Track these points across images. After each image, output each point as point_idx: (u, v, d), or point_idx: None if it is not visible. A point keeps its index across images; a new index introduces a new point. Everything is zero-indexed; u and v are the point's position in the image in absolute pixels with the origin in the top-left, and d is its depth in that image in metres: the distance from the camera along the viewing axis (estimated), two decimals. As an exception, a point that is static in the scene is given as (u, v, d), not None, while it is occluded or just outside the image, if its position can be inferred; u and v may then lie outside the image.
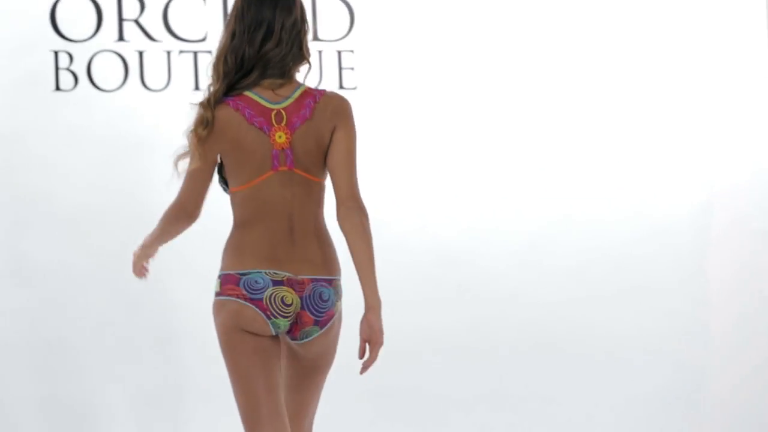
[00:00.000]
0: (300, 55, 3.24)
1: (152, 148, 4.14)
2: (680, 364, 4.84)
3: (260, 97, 3.20)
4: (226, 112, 3.18)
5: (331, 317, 3.26)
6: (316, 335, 3.25)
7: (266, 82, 3.21)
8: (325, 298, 3.26)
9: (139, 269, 3.44)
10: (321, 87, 4.39)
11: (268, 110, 3.21)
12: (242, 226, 3.30)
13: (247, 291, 3.21)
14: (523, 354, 4.79)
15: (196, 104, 3.21)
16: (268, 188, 3.22)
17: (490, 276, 4.80)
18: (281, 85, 3.22)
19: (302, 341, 3.26)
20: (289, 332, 3.26)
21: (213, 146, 3.19)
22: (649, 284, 5.00)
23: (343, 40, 4.64)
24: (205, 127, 3.19)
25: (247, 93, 3.20)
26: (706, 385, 4.95)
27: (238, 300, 3.20)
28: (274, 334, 3.25)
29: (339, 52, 4.61)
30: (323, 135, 3.23)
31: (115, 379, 4.66)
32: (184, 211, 3.31)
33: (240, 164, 3.24)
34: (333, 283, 3.27)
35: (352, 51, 4.62)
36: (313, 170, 3.23)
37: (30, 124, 4.33)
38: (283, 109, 3.22)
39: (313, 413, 3.44)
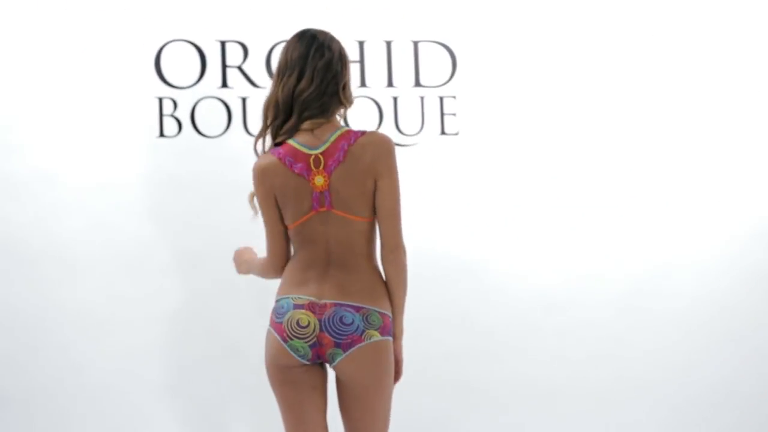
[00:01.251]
0: (336, 98, 3.42)
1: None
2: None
3: (300, 144, 3.38)
4: (269, 161, 3.42)
5: (356, 342, 3.40)
6: (340, 358, 3.40)
7: (306, 123, 3.39)
8: (347, 322, 3.41)
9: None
10: (420, 132, 4.58)
11: (306, 156, 3.38)
12: (293, 258, 3.53)
13: (276, 316, 3.43)
14: (628, 399, 4.72)
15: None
16: (310, 227, 3.44)
17: (592, 322, 4.76)
18: (321, 125, 3.39)
19: (333, 364, 3.44)
20: (318, 356, 3.43)
21: (260, 194, 3.45)
22: (752, 330, 4.91)
23: (444, 86, 4.65)
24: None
25: (290, 141, 3.39)
26: (815, 434, 4.64)
27: (270, 328, 3.45)
28: (301, 362, 3.45)
29: (441, 98, 4.62)
30: (363, 178, 3.41)
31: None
32: (272, 266, 3.57)
33: (286, 207, 3.45)
34: (362, 311, 3.41)
35: (454, 97, 4.62)
36: (352, 210, 3.41)
37: (134, 171, 4.32)
38: (321, 153, 3.39)
39: None
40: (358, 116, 4.49)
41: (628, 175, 4.97)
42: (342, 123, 3.52)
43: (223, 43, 4.47)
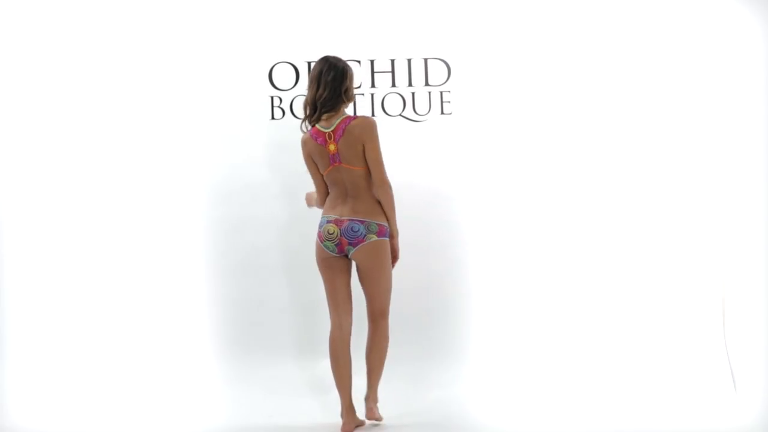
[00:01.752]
0: (340, 98, 4.47)
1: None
2: None
3: (321, 126, 4.51)
4: (306, 137, 4.55)
5: (361, 242, 4.50)
6: (352, 251, 4.54)
7: (325, 115, 4.50)
8: (356, 230, 4.51)
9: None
10: (427, 113, 5.41)
11: (324, 133, 4.51)
12: (329, 195, 4.61)
13: (319, 228, 4.59)
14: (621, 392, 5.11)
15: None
16: (332, 175, 4.58)
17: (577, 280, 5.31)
18: (331, 116, 4.50)
19: (349, 255, 4.55)
20: (341, 251, 4.53)
21: (304, 156, 4.59)
22: (755, 328, 4.84)
23: (443, 85, 5.46)
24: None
25: (317, 125, 4.53)
26: None
27: (316, 235, 4.59)
28: (330, 254, 4.53)
29: (441, 93, 5.45)
30: (356, 145, 4.46)
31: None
32: (321, 197, 4.66)
33: (318, 163, 4.60)
34: (365, 223, 4.51)
35: (449, 92, 5.44)
36: (353, 163, 4.49)
37: (258, 139, 5.39)
38: (332, 131, 4.50)
39: (384, 298, 4.59)
40: (390, 105, 5.46)
41: (598, 145, 5.38)
42: (348, 112, 4.49)
43: (309, 63, 5.41)
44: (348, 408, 4.64)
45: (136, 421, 5.01)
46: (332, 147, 4.47)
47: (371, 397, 4.68)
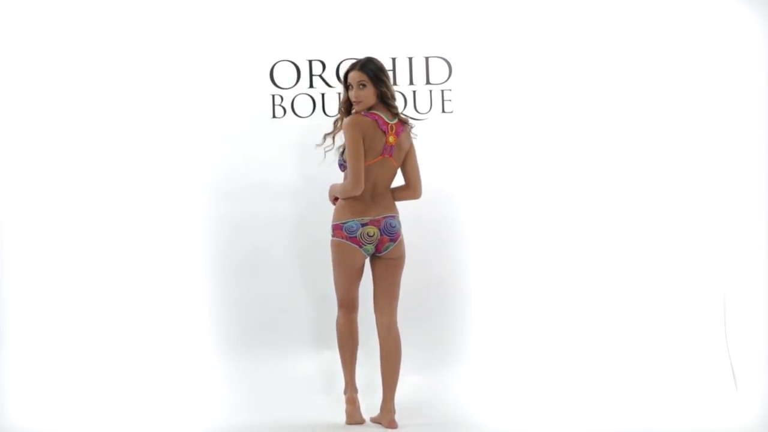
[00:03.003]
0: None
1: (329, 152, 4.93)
2: None
3: (384, 115, 4.62)
4: (360, 119, 4.56)
5: (399, 236, 4.68)
6: (392, 247, 4.67)
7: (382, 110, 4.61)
8: (393, 225, 4.67)
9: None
10: (428, 111, 5.47)
11: (388, 123, 4.61)
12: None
13: (348, 233, 4.60)
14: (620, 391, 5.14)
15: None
16: (372, 169, 4.61)
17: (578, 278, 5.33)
18: (386, 113, 4.64)
19: (384, 252, 4.65)
20: (376, 251, 4.63)
21: (357, 136, 4.53)
22: (755, 328, 4.90)
23: (444, 83, 5.51)
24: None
25: (379, 113, 4.61)
26: None
27: (344, 241, 4.61)
28: (366, 257, 4.59)
29: (442, 91, 5.50)
30: (405, 146, 4.67)
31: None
32: (359, 182, 4.56)
33: (368, 148, 4.58)
34: (396, 218, 4.69)
35: (450, 90, 5.49)
36: (397, 160, 4.66)
37: (258, 136, 5.40)
38: (395, 124, 4.64)
39: (397, 299, 4.70)
40: (393, 102, 5.10)
41: (597, 143, 5.39)
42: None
43: (310, 61, 5.47)
44: (351, 384, 4.77)
45: (137, 421, 5.02)
46: (392, 139, 4.58)
47: (392, 408, 4.73)
